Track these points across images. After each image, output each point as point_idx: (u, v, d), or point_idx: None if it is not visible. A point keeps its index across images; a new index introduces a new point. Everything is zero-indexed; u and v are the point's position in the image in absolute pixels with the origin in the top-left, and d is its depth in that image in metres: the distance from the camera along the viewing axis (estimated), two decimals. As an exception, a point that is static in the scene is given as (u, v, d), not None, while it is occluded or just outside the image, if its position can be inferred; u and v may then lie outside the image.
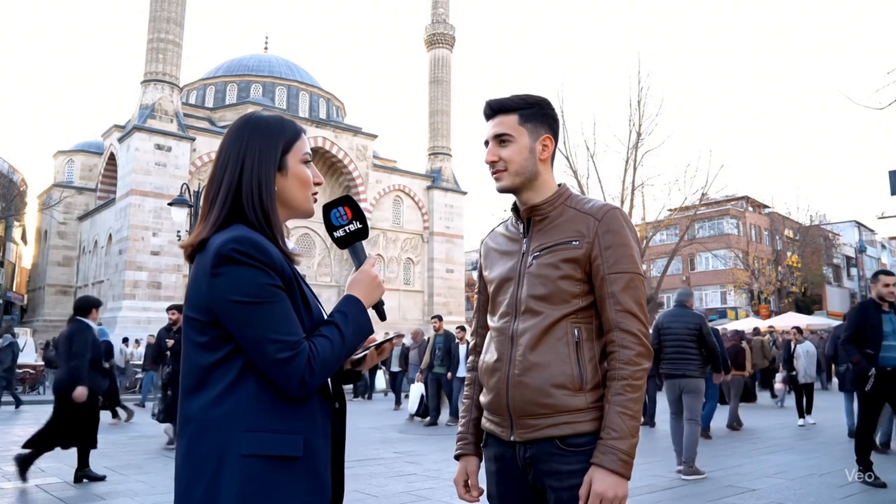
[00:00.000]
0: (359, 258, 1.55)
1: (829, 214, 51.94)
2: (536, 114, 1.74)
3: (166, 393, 8.36)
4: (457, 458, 1.86)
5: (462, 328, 12.00)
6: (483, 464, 1.83)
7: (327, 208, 1.52)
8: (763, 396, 15.85)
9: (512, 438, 1.66)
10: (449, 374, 11.38)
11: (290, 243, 1.47)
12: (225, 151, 1.42)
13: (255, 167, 1.38)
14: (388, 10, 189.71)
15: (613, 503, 1.51)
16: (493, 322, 1.78)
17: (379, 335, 1.56)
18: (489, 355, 1.75)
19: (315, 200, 1.51)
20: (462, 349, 11.32)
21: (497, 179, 1.75)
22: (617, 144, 44.52)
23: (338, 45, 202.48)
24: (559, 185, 1.79)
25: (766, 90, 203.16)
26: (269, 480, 1.26)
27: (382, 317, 1.51)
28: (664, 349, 6.72)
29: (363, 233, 1.54)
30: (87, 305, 6.48)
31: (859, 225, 57.27)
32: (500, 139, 1.73)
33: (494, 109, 1.76)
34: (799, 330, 12.11)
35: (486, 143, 1.77)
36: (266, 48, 49.41)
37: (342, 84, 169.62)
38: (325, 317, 1.45)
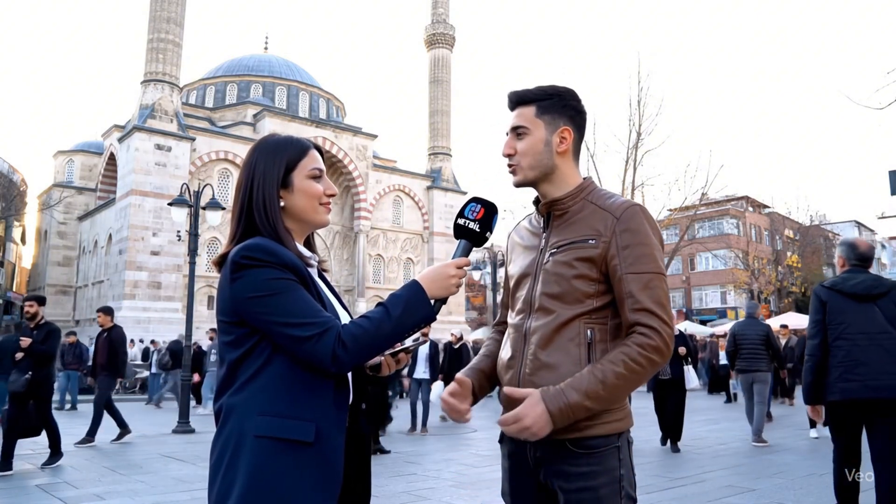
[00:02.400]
0: (456, 254, 1.57)
1: (829, 214, 52.02)
2: (555, 105, 1.69)
3: (22, 402, 6.70)
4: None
5: None
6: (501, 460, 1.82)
7: (473, 199, 1.61)
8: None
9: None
10: (406, 380, 10.45)
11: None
12: (241, 173, 1.56)
13: (259, 186, 1.50)
14: (388, 10, 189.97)
15: (523, 433, 1.48)
16: (510, 318, 1.76)
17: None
18: (505, 351, 1.73)
19: (328, 212, 1.58)
20: (422, 348, 10.55)
21: (512, 174, 1.72)
22: (617, 144, 44.46)
23: (338, 45, 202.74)
24: (584, 178, 1.74)
25: (766, 90, 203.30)
26: (278, 461, 1.33)
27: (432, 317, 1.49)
28: (739, 350, 8.67)
29: (477, 237, 1.58)
30: None
31: (859, 225, 57.29)
32: (517, 131, 1.70)
33: (513, 101, 1.73)
34: None
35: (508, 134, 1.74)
36: (266, 48, 49.43)
37: (342, 84, 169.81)
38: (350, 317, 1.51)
